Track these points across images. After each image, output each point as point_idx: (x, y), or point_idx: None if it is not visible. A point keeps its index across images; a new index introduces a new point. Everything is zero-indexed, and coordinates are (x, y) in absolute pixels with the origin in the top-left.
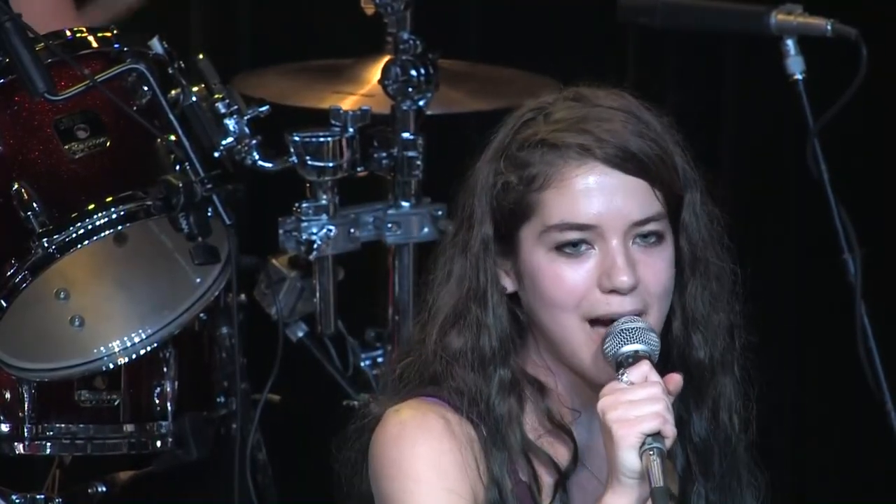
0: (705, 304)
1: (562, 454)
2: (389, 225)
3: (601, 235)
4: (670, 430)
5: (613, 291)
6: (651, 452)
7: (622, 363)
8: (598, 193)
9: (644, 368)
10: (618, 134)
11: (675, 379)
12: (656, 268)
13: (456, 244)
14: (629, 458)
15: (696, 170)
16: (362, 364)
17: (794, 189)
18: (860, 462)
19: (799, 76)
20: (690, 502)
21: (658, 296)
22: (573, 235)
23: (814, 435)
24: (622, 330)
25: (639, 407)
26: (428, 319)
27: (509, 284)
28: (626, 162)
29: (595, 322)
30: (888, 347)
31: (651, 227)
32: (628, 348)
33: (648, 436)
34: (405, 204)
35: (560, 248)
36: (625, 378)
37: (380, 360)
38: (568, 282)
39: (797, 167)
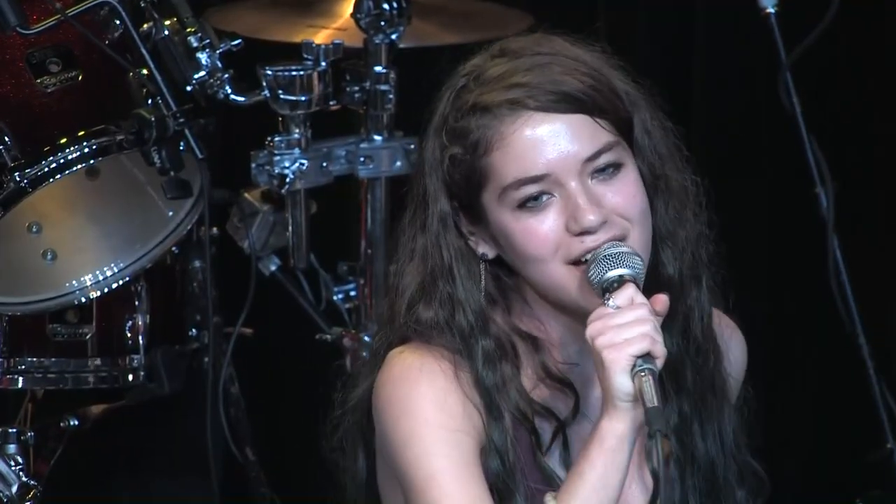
0: (671, 220)
1: (560, 404)
2: (362, 158)
3: (557, 182)
4: (660, 350)
5: (584, 232)
6: (643, 374)
7: (607, 288)
8: (541, 142)
9: (629, 291)
10: (545, 78)
11: (662, 299)
12: (624, 192)
13: (414, 224)
14: (622, 382)
15: (641, 88)
16: (335, 298)
17: (766, 125)
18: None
19: (771, 9)
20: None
21: (635, 219)
22: (530, 189)
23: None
24: (606, 256)
25: (627, 330)
26: (395, 298)
27: (489, 250)
28: (560, 103)
29: (577, 263)
30: (860, 280)
31: (605, 159)
32: (612, 273)
33: (639, 357)
34: (377, 137)
35: (522, 204)
36: (611, 303)
37: (352, 293)
38: (539, 234)
39: (770, 102)
